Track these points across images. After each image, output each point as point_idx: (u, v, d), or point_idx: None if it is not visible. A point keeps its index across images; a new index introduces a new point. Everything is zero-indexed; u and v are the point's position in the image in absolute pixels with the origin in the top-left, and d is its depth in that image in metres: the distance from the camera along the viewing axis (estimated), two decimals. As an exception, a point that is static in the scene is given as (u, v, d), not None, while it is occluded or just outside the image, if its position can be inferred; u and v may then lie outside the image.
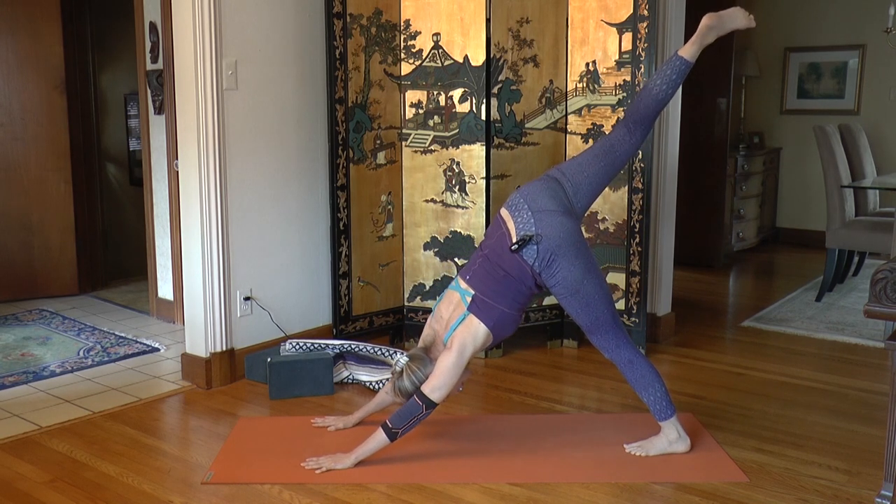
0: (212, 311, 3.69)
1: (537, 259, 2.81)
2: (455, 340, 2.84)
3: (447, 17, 3.97)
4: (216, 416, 3.40)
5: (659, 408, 2.91)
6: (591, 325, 2.88)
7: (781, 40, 7.28)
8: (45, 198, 5.32)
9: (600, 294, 2.84)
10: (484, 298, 2.85)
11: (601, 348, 2.93)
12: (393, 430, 2.78)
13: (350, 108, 3.94)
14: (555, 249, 2.79)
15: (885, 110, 6.84)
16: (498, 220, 2.94)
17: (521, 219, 2.84)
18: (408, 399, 2.84)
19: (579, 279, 2.80)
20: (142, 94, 4.90)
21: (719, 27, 2.90)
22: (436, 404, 2.79)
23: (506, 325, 2.89)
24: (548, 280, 2.85)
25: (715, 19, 2.88)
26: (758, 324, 4.76)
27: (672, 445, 2.94)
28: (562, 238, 2.80)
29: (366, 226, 4.08)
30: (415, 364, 2.88)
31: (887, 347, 2.46)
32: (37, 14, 5.17)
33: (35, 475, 2.84)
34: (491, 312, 2.85)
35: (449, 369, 2.79)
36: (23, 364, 4.05)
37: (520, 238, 2.81)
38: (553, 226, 2.81)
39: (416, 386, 2.84)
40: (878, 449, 2.82)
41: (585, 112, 4.08)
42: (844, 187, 5.29)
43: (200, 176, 3.61)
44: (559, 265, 2.80)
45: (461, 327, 2.86)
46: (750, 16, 2.91)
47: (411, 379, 2.86)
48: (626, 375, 2.93)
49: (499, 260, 2.86)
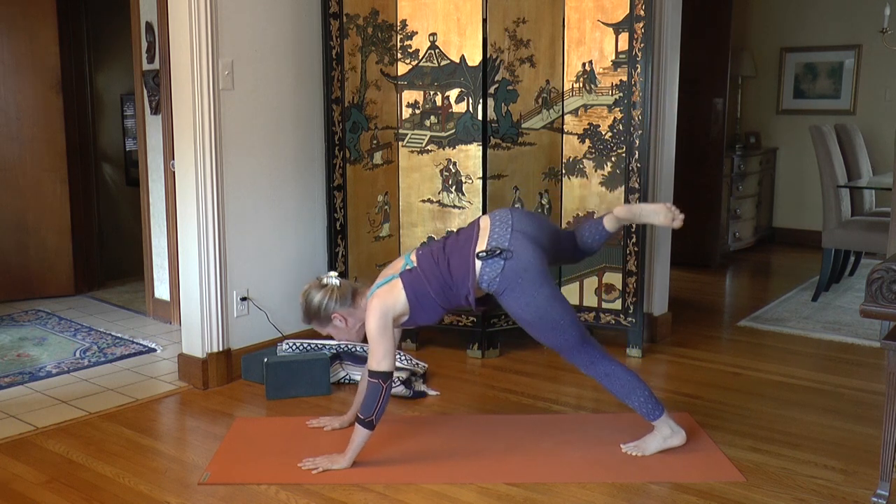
0: (208, 311, 3.69)
1: (499, 277, 2.77)
2: (374, 303, 2.81)
3: (444, 18, 3.97)
4: (213, 416, 3.40)
5: (647, 410, 2.92)
6: (562, 348, 2.90)
7: (778, 40, 7.30)
8: (42, 198, 5.31)
9: (567, 318, 2.84)
10: (420, 274, 2.84)
11: (577, 366, 2.95)
12: (367, 419, 2.77)
13: (346, 108, 3.94)
14: (521, 273, 2.76)
15: (881, 110, 6.85)
16: (474, 224, 2.94)
17: (499, 231, 2.83)
18: (305, 308, 2.90)
19: (545, 304, 2.79)
20: (138, 94, 4.89)
21: (633, 219, 3.07)
22: (390, 373, 2.76)
23: (425, 309, 2.86)
24: (512, 304, 2.82)
25: (627, 213, 3.03)
26: (754, 323, 4.77)
27: (667, 441, 2.95)
28: (530, 262, 2.77)
29: (362, 226, 4.08)
30: (338, 292, 2.89)
31: (883, 347, 2.46)
32: (33, 14, 5.16)
33: (31, 476, 2.83)
34: (418, 288, 2.83)
35: (378, 338, 2.77)
36: (19, 365, 4.05)
37: (490, 248, 2.79)
38: (527, 249, 2.79)
39: (319, 305, 2.86)
40: (875, 448, 2.82)
41: (582, 112, 4.08)
42: (840, 187, 5.30)
43: (197, 176, 3.60)
44: (524, 290, 2.77)
45: (385, 288, 2.85)
46: (673, 216, 2.97)
47: (323, 301, 2.87)
48: (607, 388, 2.94)
49: (451, 256, 2.85)
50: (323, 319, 2.92)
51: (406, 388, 3.55)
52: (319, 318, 2.91)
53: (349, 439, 2.86)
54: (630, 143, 3.96)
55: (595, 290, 4.15)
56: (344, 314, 2.91)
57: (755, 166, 6.99)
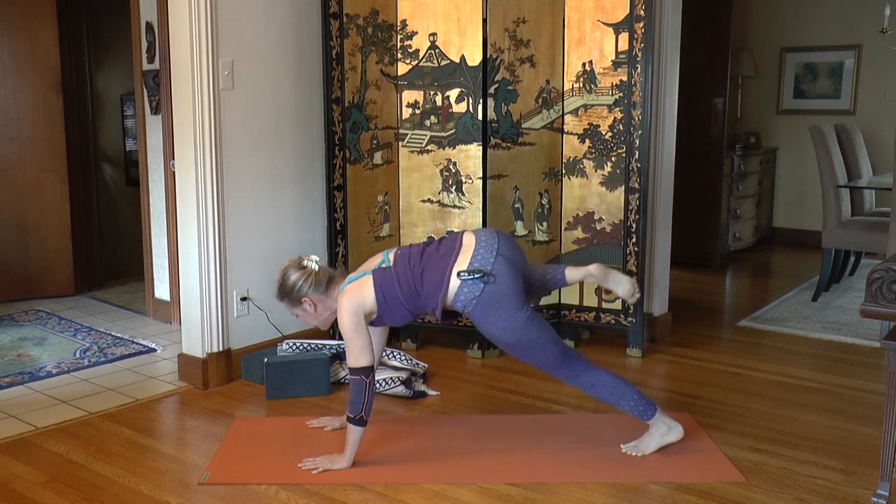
0: (208, 311, 3.69)
1: (476, 300, 2.75)
2: (344, 301, 2.79)
3: (444, 18, 3.97)
4: (213, 416, 3.40)
5: (639, 411, 2.92)
6: (545, 365, 2.90)
7: (778, 40, 7.29)
8: (42, 198, 5.31)
9: (545, 335, 2.83)
10: (393, 275, 2.83)
11: (562, 381, 2.96)
12: (356, 417, 2.76)
13: (347, 108, 3.94)
14: (500, 297, 2.76)
15: (881, 110, 6.85)
16: (456, 238, 2.90)
17: (483, 253, 2.80)
18: (280, 285, 2.93)
19: (521, 327, 2.78)
20: (138, 94, 4.89)
21: (600, 280, 3.04)
22: (370, 367, 2.76)
23: (393, 310, 2.85)
24: (489, 327, 2.81)
25: (601, 272, 3.01)
26: (754, 323, 4.77)
27: (665, 437, 2.95)
28: (509, 287, 2.76)
29: (362, 226, 4.08)
30: (315, 277, 2.89)
31: (883, 347, 2.46)
32: (33, 14, 5.16)
33: (31, 476, 2.83)
34: (388, 289, 2.82)
35: (352, 335, 2.77)
36: (19, 365, 4.05)
37: (472, 268, 2.77)
38: (508, 274, 2.77)
39: (294, 286, 2.88)
40: (875, 448, 2.82)
41: (582, 112, 4.08)
42: (840, 187, 5.30)
43: (197, 176, 3.60)
44: (500, 314, 2.77)
45: (355, 284, 2.84)
46: (634, 290, 3.02)
47: (298, 283, 2.89)
48: (596, 397, 2.94)
49: (426, 266, 2.83)
50: (294, 300, 2.93)
51: (406, 388, 3.55)
52: (291, 298, 2.93)
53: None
54: (630, 143, 3.96)
55: (595, 290, 4.15)
56: (314, 299, 2.92)
57: (755, 166, 6.99)
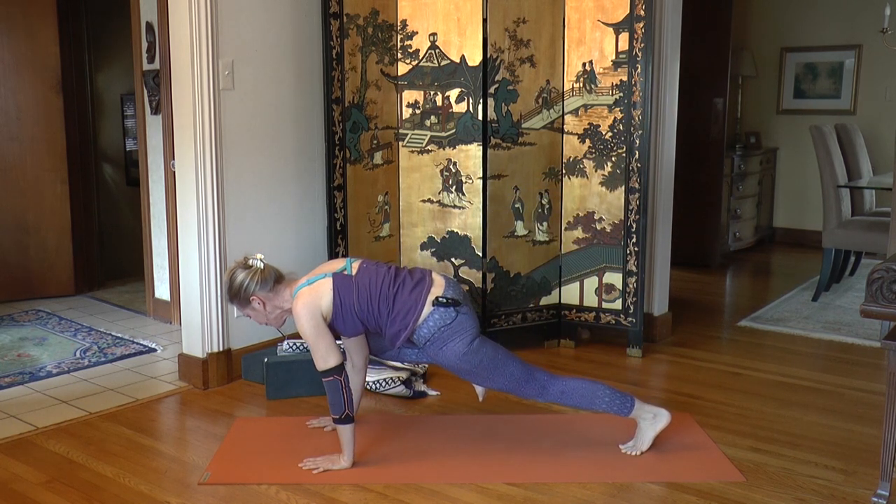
0: (208, 311, 3.69)
1: (445, 328, 2.80)
2: (299, 307, 2.78)
3: (444, 18, 3.97)
4: (213, 416, 3.40)
5: (617, 408, 2.90)
6: (510, 386, 2.90)
7: (778, 40, 7.29)
8: (42, 198, 5.31)
9: (501, 352, 2.88)
10: (353, 285, 2.82)
11: (532, 399, 2.96)
12: (342, 416, 2.76)
13: (347, 108, 3.94)
14: (468, 328, 2.83)
15: (881, 110, 6.85)
16: (425, 272, 2.92)
17: (453, 287, 2.88)
18: (228, 286, 2.88)
19: (478, 351, 2.83)
20: (138, 94, 4.89)
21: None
22: (339, 365, 2.74)
23: (345, 319, 2.83)
24: (449, 356, 2.83)
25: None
26: (754, 323, 4.77)
27: (655, 426, 2.93)
28: (474, 322, 2.86)
29: (363, 226, 4.08)
30: (261, 275, 2.85)
31: (884, 347, 2.46)
32: (33, 14, 5.16)
33: (31, 476, 2.83)
34: (346, 297, 2.80)
35: (315, 338, 2.76)
36: (19, 365, 4.05)
37: (449, 297, 2.82)
38: (473, 311, 2.89)
39: (241, 285, 2.83)
40: (875, 448, 2.82)
41: (582, 112, 4.08)
42: (841, 187, 5.30)
43: (197, 176, 3.60)
44: (459, 344, 2.81)
45: (309, 288, 2.82)
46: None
47: (245, 282, 2.84)
48: (568, 405, 2.94)
49: (402, 289, 2.83)
50: (243, 300, 2.90)
51: (406, 388, 3.55)
52: (240, 298, 2.90)
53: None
54: (630, 142, 3.96)
55: (595, 290, 4.15)
56: (262, 298, 2.88)
57: (755, 166, 6.99)
